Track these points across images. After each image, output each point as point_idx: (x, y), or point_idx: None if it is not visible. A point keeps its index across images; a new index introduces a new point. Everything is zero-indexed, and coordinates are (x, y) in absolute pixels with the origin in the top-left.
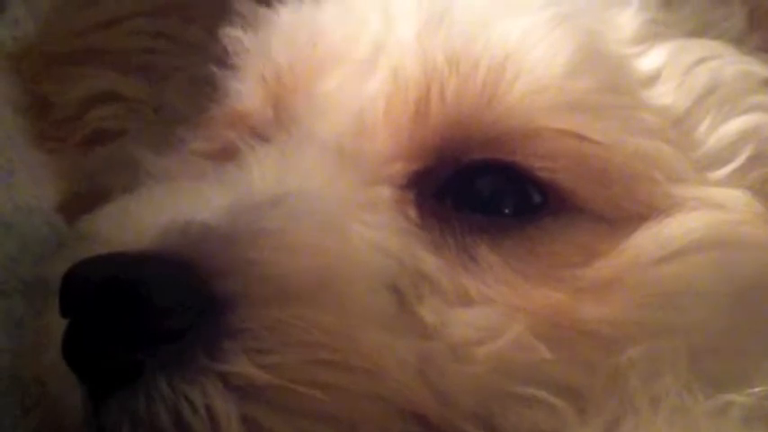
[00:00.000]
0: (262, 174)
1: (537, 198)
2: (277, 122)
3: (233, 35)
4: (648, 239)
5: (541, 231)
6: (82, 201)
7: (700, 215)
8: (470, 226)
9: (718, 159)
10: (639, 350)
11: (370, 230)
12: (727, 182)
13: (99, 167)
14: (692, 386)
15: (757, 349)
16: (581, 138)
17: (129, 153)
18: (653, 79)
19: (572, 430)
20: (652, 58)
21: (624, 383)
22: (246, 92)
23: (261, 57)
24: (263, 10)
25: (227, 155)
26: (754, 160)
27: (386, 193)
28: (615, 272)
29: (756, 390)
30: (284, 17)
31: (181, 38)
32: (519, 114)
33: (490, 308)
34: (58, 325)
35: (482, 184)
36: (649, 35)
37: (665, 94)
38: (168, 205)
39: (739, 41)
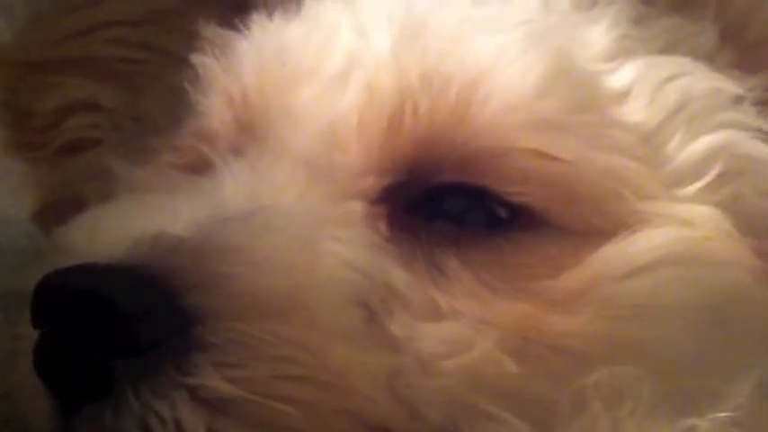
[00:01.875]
0: (234, 188)
1: (506, 215)
2: (250, 137)
3: (202, 61)
4: (615, 254)
5: (510, 243)
6: (58, 210)
7: (667, 231)
8: (440, 239)
9: (688, 176)
10: (603, 374)
11: (341, 246)
12: (696, 198)
13: (76, 176)
14: (655, 410)
15: (724, 367)
16: (549, 157)
17: (105, 163)
18: (623, 96)
19: None
20: (623, 75)
21: (588, 407)
22: (214, 112)
23: (228, 77)
24: (229, 33)
25: (200, 168)
26: (723, 177)
27: (357, 207)
28: (582, 284)
29: (721, 415)
30: (252, 37)
31: (159, 48)
32: (489, 134)
33: (459, 322)
34: (30, 337)
35: (451, 205)
36: (620, 52)
37: (636, 111)
38: (140, 218)
39: (710, 58)
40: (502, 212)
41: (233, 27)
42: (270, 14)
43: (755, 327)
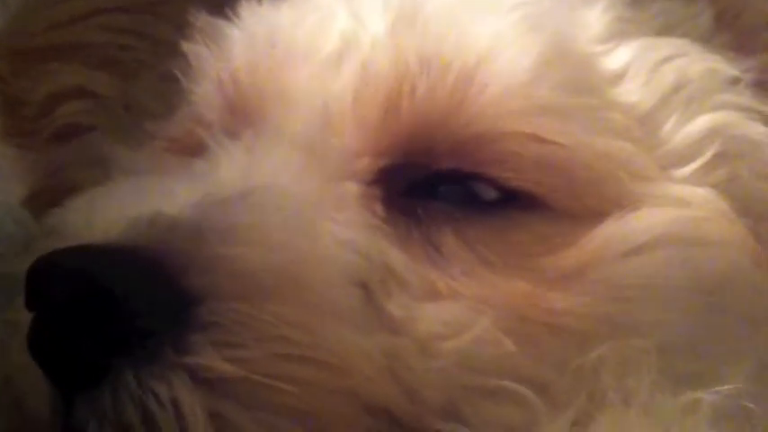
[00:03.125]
0: (229, 169)
1: (503, 198)
2: (244, 121)
3: (193, 50)
4: (612, 233)
5: (508, 221)
6: (50, 196)
7: (663, 211)
8: (436, 217)
9: (684, 157)
10: (609, 347)
11: (338, 226)
12: (692, 180)
13: (68, 162)
14: (662, 384)
15: (721, 348)
16: (545, 141)
17: (98, 149)
18: (619, 77)
19: (541, 423)
20: (619, 56)
21: (595, 380)
22: (207, 100)
23: (219, 64)
24: (219, 21)
25: (195, 151)
26: (719, 158)
27: (353, 188)
28: (579, 263)
29: (724, 388)
30: (242, 23)
31: (151, 34)
32: (486, 119)
33: (457, 302)
34: (26, 321)
35: (448, 189)
36: (616, 33)
37: (632, 92)
38: (136, 200)
39: (706, 40)
40: (499, 196)
41: (224, 15)
42: (259, 0)
43: (752, 309)
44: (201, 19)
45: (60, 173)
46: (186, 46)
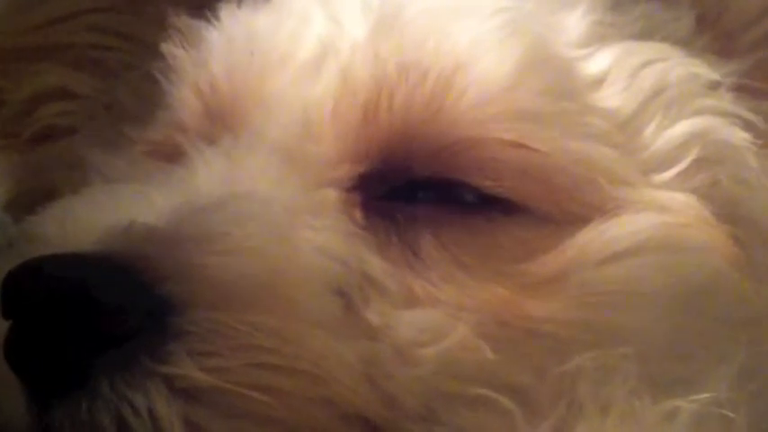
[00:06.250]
0: (207, 176)
1: (483, 203)
2: (222, 127)
3: (172, 51)
4: (592, 239)
5: (487, 223)
6: (31, 199)
7: (644, 217)
8: (415, 218)
9: (664, 162)
10: (588, 356)
11: (316, 233)
12: (673, 185)
13: (49, 165)
14: (640, 392)
15: (703, 354)
16: (524, 147)
17: (79, 151)
18: (599, 82)
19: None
20: (599, 61)
21: (573, 388)
22: (184, 104)
23: (197, 68)
24: (199, 24)
25: (174, 157)
26: (699, 163)
27: (332, 195)
28: (559, 268)
29: (703, 396)
30: (221, 27)
31: (134, 35)
32: (464, 126)
33: (436, 308)
34: (1, 328)
35: (426, 195)
36: (596, 37)
37: (612, 97)
38: (113, 207)
39: (687, 43)
40: (478, 201)
41: (204, 17)
42: (239, 3)
43: (733, 314)
44: (181, 20)
45: (42, 175)
46: (165, 47)
